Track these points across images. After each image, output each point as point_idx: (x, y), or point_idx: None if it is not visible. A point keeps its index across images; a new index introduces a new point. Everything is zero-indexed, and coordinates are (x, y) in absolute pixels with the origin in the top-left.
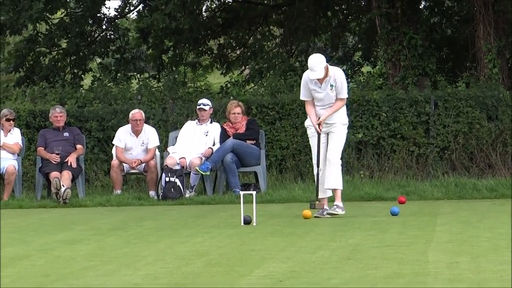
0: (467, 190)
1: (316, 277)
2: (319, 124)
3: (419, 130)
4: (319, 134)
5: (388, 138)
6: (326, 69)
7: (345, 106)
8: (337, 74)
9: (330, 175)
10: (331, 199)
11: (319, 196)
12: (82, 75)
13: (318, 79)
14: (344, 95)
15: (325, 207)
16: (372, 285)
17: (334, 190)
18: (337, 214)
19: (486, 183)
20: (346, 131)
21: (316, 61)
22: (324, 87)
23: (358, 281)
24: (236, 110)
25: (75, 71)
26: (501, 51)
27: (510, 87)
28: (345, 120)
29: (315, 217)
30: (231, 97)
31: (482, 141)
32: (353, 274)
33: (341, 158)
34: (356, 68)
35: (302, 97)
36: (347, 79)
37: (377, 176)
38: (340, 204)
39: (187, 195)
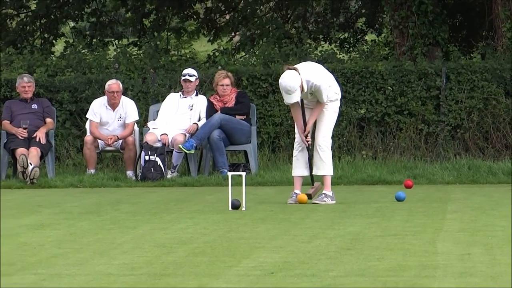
0: (482, 174)
1: (311, 268)
2: (306, 136)
3: (429, 106)
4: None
5: (394, 115)
6: (301, 86)
7: (333, 79)
8: (315, 85)
9: (319, 161)
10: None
11: (299, 174)
12: (53, 41)
13: None
14: (324, 100)
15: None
16: (374, 279)
17: (323, 177)
18: (325, 204)
19: (502, 166)
20: (339, 104)
21: (290, 83)
22: (304, 96)
23: (359, 273)
24: (224, 81)
25: (46, 35)
26: None
27: None
28: (335, 95)
29: (313, 203)
30: (219, 67)
31: (499, 119)
32: (353, 266)
33: (333, 137)
34: (359, 36)
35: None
36: (348, 49)
37: (381, 157)
38: (330, 193)
39: (168, 176)
